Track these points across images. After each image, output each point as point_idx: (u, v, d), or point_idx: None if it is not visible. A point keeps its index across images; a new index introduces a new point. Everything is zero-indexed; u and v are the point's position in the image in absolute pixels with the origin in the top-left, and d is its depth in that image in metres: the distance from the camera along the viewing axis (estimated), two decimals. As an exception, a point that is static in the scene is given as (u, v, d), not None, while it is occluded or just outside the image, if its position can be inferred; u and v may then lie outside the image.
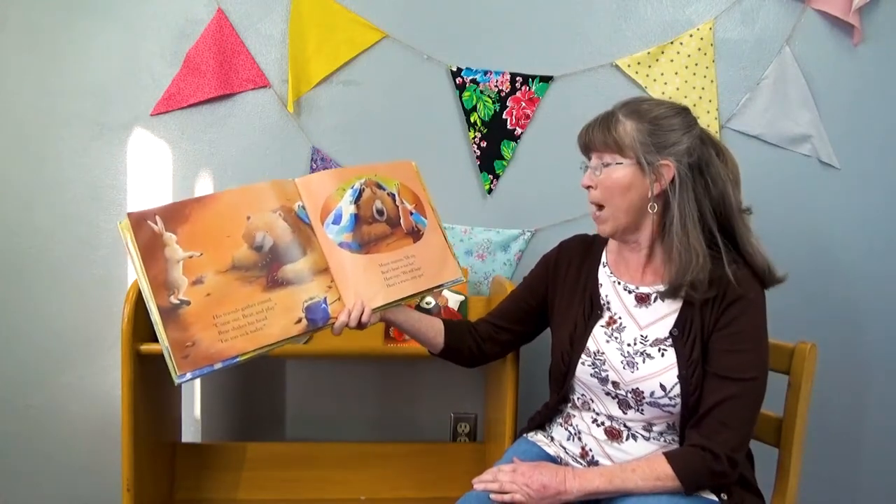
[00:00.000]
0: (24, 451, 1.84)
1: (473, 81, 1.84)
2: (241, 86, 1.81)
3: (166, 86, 1.79)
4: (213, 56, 1.78)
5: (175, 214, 1.10)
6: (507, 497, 1.15)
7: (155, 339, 1.51)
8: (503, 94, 1.85)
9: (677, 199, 1.18)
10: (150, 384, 1.55)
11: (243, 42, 1.80)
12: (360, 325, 1.17)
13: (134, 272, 1.05)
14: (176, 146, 1.82)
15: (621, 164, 1.19)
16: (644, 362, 1.19)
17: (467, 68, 1.83)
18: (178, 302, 1.06)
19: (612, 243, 1.32)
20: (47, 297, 1.81)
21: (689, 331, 1.18)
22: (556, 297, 1.36)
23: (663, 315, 1.22)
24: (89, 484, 1.85)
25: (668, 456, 1.13)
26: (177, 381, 1.04)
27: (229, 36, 1.79)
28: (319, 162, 1.83)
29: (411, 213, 1.28)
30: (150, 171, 1.82)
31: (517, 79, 1.85)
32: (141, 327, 1.47)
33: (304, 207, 1.19)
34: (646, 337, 1.21)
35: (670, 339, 1.19)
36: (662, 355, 1.19)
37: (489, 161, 1.87)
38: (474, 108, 1.85)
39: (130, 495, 1.46)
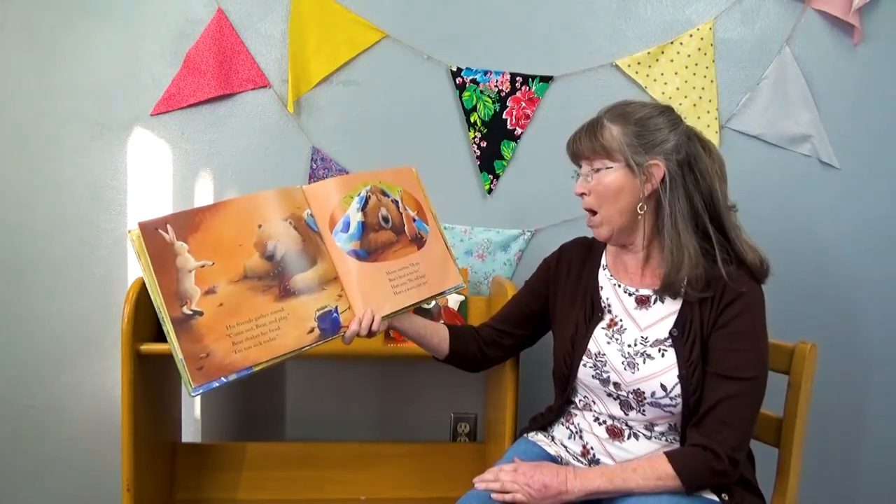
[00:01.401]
0: (24, 451, 1.84)
1: (473, 81, 1.84)
2: (241, 86, 1.81)
3: (166, 86, 1.79)
4: (213, 56, 1.78)
5: (186, 223, 1.08)
6: (508, 497, 1.15)
7: (155, 339, 1.52)
8: (503, 94, 1.85)
9: (668, 197, 1.18)
10: (150, 384, 1.55)
11: (243, 42, 1.80)
12: (370, 334, 1.17)
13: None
14: (176, 146, 1.82)
15: (611, 168, 1.20)
16: (644, 363, 1.19)
17: (467, 68, 1.83)
18: (190, 312, 1.04)
19: (610, 246, 1.33)
20: (47, 297, 1.81)
21: (688, 331, 1.18)
22: (558, 300, 1.36)
23: (663, 316, 1.22)
24: (89, 484, 1.85)
25: (669, 455, 1.13)
26: (192, 393, 1.03)
27: (229, 36, 1.79)
28: (319, 162, 1.83)
29: (414, 220, 1.28)
30: (150, 171, 1.82)
31: (517, 79, 1.85)
32: (141, 327, 1.47)
33: (312, 215, 1.18)
34: (646, 338, 1.22)
35: (670, 340, 1.19)
36: (663, 356, 1.19)
37: (489, 161, 1.87)
38: (474, 108, 1.85)
39: (130, 495, 1.46)
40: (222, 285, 1.07)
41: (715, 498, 1.14)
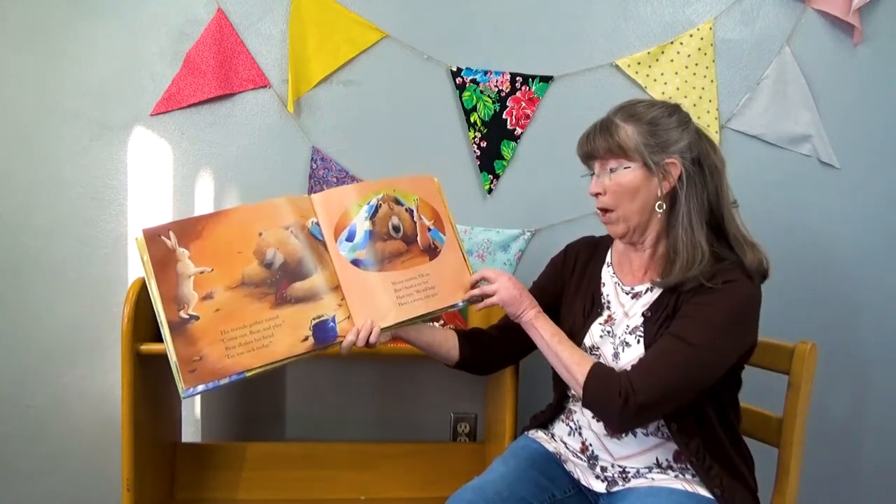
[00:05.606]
0: (24, 451, 1.84)
1: (473, 81, 1.84)
2: (241, 86, 1.81)
3: (166, 86, 1.79)
4: (213, 56, 1.78)
5: (188, 230, 1.12)
6: (492, 288, 1.25)
7: (155, 340, 1.52)
8: (503, 94, 1.85)
9: (685, 194, 1.19)
10: (150, 384, 1.55)
11: (243, 42, 1.80)
12: (369, 345, 1.17)
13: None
14: (176, 146, 1.82)
15: (629, 167, 1.20)
16: (624, 351, 1.20)
17: (467, 68, 1.84)
18: (187, 317, 1.08)
19: (618, 243, 1.33)
20: (47, 297, 1.81)
21: (661, 313, 1.18)
22: (564, 296, 1.37)
23: (645, 303, 1.23)
24: (89, 484, 1.85)
25: (594, 366, 1.15)
26: (183, 395, 1.06)
27: (229, 36, 1.79)
28: (319, 162, 1.83)
29: (429, 230, 1.28)
30: (150, 171, 1.82)
31: (517, 79, 1.85)
32: (141, 327, 1.47)
33: (317, 224, 1.19)
34: (629, 326, 1.22)
35: (642, 324, 1.20)
36: (638, 342, 1.19)
37: (489, 161, 1.87)
38: (474, 108, 1.85)
39: (130, 495, 1.46)
40: (220, 291, 1.10)
41: (711, 497, 1.15)
